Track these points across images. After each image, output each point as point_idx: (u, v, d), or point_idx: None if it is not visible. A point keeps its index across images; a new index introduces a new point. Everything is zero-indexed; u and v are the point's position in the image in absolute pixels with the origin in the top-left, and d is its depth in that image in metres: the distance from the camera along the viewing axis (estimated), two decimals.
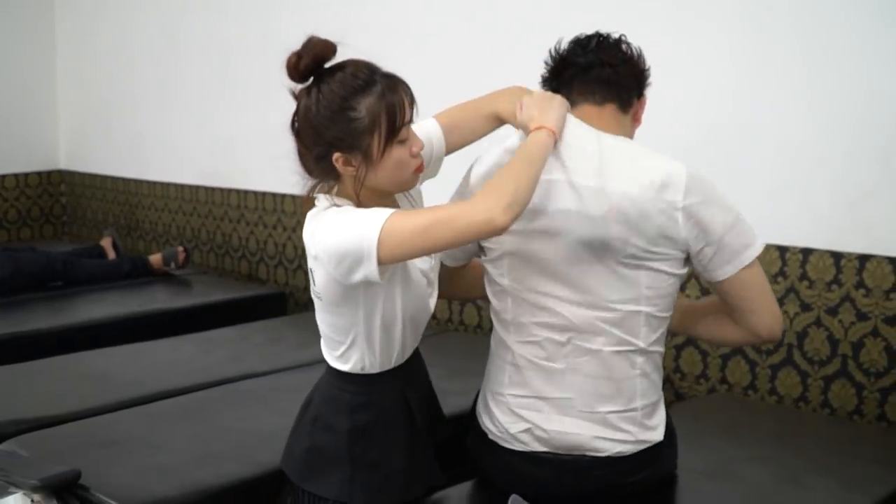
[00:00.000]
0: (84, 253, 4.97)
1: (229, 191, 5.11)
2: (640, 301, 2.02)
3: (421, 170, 1.98)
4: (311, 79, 1.93)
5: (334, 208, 1.92)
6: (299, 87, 1.94)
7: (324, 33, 1.94)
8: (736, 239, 2.00)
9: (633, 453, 2.08)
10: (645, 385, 2.08)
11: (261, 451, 2.50)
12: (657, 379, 2.11)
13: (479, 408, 2.24)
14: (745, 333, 2.12)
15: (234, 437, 2.67)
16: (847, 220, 2.92)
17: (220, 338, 3.71)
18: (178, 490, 2.34)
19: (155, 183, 5.62)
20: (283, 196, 4.78)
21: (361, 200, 1.93)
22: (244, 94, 4.94)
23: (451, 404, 2.33)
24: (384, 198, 1.99)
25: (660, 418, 2.12)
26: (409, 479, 2.09)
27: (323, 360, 3.20)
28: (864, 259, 2.89)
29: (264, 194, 4.90)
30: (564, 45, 2.14)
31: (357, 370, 2.02)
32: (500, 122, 2.15)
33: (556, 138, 1.96)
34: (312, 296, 2.01)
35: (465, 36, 3.84)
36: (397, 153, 1.90)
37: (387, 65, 1.94)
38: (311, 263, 1.96)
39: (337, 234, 1.86)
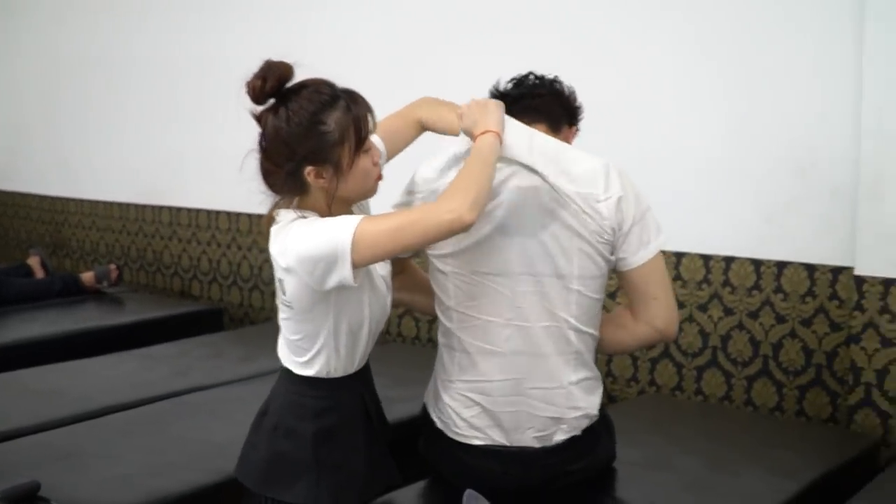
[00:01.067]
0: (11, 272, 4.95)
1: (160, 208, 5.14)
2: (572, 279, 2.16)
3: (381, 178, 2.09)
4: (273, 100, 2.02)
5: (300, 220, 2.01)
6: (259, 108, 2.02)
7: (264, 54, 2.01)
8: (646, 230, 2.16)
9: (574, 437, 2.21)
10: (581, 361, 2.21)
11: (218, 460, 2.55)
12: (590, 359, 2.24)
13: (429, 404, 2.33)
14: (642, 328, 2.23)
15: (188, 447, 2.73)
16: (766, 230, 3.13)
17: (160, 353, 3.75)
18: (141, 498, 2.39)
19: (83, 201, 5.63)
20: (218, 213, 4.84)
21: (328, 213, 2.03)
22: (176, 112, 4.99)
23: (394, 411, 2.40)
24: (345, 208, 2.09)
25: (595, 397, 2.24)
26: (370, 479, 2.18)
27: (267, 373, 3.30)
28: (781, 266, 3.10)
29: (198, 211, 4.95)
30: (501, 84, 2.33)
31: (322, 375, 2.10)
32: (422, 129, 2.29)
33: (500, 139, 2.09)
34: (280, 306, 2.10)
35: (404, 54, 3.97)
36: (363, 163, 2.02)
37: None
38: (280, 275, 2.03)
39: (309, 241, 1.96)
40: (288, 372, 2.16)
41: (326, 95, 1.99)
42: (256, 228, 4.68)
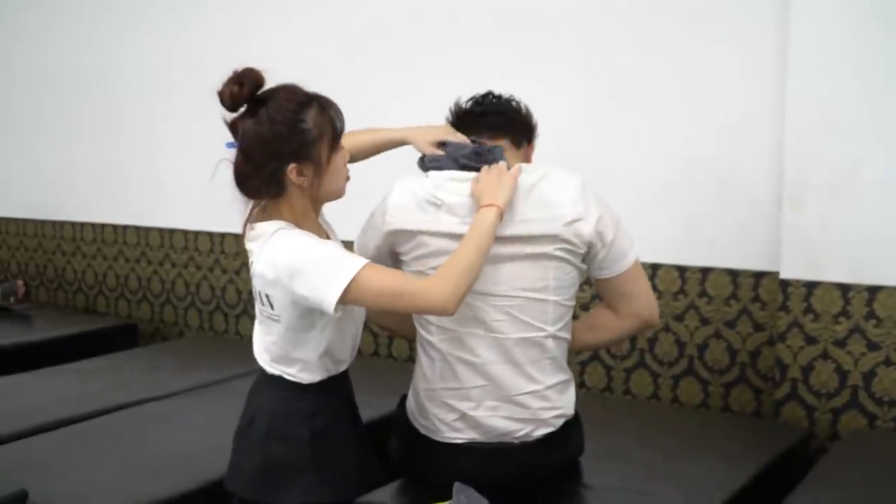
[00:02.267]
0: None
1: (62, 223, 5.04)
2: (547, 291, 2.29)
3: (349, 178, 2.18)
4: (245, 106, 2.08)
5: (283, 231, 2.07)
6: (231, 115, 2.09)
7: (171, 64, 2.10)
8: (623, 242, 2.33)
9: (551, 432, 2.34)
10: (554, 366, 2.34)
11: (194, 467, 2.60)
12: (564, 362, 2.38)
13: (411, 407, 2.42)
14: (629, 320, 2.40)
15: (160, 455, 2.75)
16: (689, 238, 3.34)
17: (90, 368, 3.73)
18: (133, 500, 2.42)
19: None
20: (126, 227, 4.79)
21: (300, 217, 2.11)
22: (77, 126, 4.92)
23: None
24: (314, 214, 2.17)
25: (570, 395, 2.39)
26: (360, 475, 2.27)
27: (211, 384, 3.33)
28: (705, 271, 3.32)
29: (103, 226, 4.88)
30: (462, 102, 2.43)
31: (312, 378, 2.17)
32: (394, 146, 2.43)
33: (502, 217, 2.17)
34: (263, 318, 2.15)
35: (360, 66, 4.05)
36: (338, 160, 2.12)
37: None
38: (266, 289, 2.09)
39: (306, 256, 2.03)
40: (274, 378, 2.20)
41: (302, 96, 2.08)
42: (168, 243, 4.65)
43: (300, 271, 2.02)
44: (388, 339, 3.99)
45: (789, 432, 2.95)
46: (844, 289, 2.98)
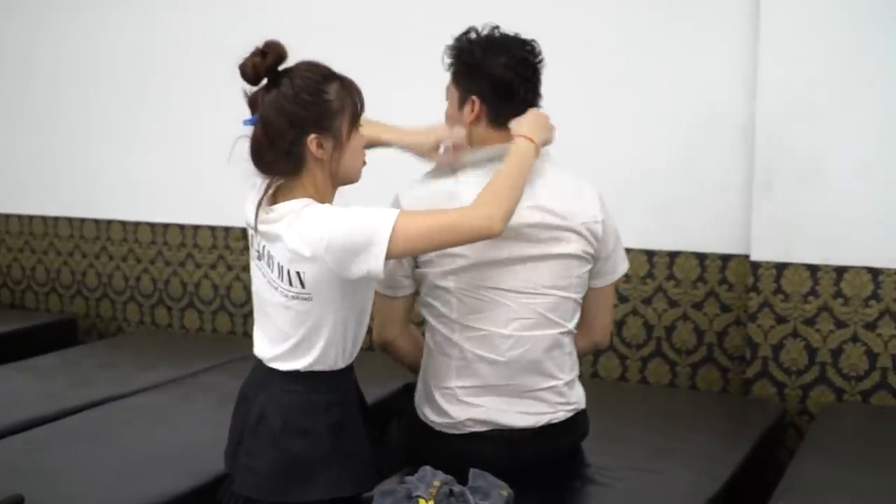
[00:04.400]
0: None
1: None
2: (570, 289, 2.35)
3: (365, 163, 2.17)
4: (266, 80, 2.05)
5: (312, 205, 2.04)
6: (252, 89, 2.05)
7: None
8: (620, 255, 2.44)
9: (563, 421, 2.39)
10: (571, 362, 2.40)
11: (186, 466, 2.56)
12: (576, 357, 2.44)
13: (420, 402, 2.42)
14: (583, 343, 2.49)
15: (148, 454, 2.68)
16: (657, 223, 3.42)
17: (45, 366, 3.60)
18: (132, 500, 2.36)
19: None
20: (57, 219, 4.62)
21: (322, 195, 2.08)
22: (4, 114, 4.72)
23: None
24: (331, 196, 2.14)
25: (581, 389, 2.45)
26: (376, 466, 2.26)
27: (175, 380, 3.26)
28: (673, 255, 3.41)
29: (31, 217, 4.70)
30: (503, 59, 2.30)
31: (326, 368, 2.13)
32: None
33: (538, 151, 2.23)
34: (287, 303, 2.08)
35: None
36: (356, 139, 2.10)
37: None
38: (298, 266, 2.03)
39: (342, 225, 2.00)
40: (283, 374, 2.14)
41: (325, 70, 2.08)
42: (105, 235, 4.51)
43: (341, 239, 1.99)
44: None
45: (766, 408, 3.07)
46: (813, 269, 3.11)
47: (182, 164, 4.29)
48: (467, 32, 2.35)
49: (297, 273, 2.05)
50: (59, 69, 4.55)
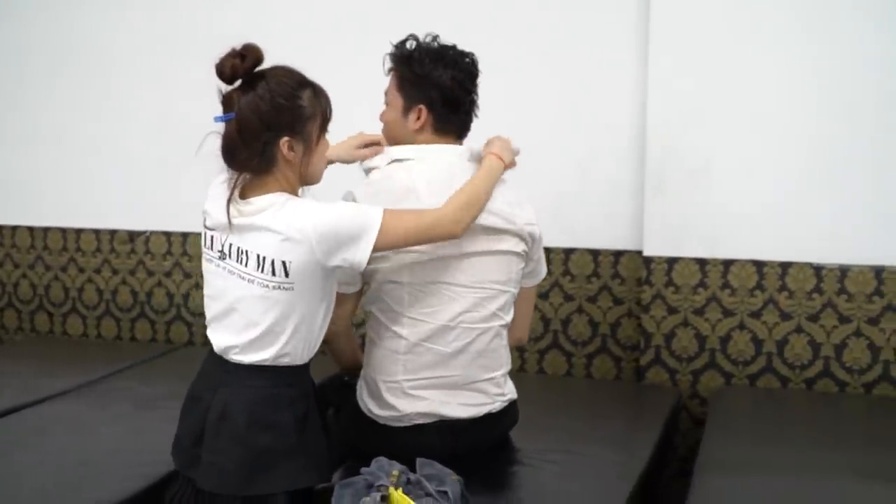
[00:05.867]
0: None
1: None
2: (510, 283, 2.49)
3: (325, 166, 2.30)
4: (240, 81, 2.13)
5: (295, 199, 2.15)
6: (227, 88, 2.13)
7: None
8: (542, 258, 2.62)
9: (499, 410, 2.53)
10: (507, 355, 2.55)
11: (122, 469, 2.55)
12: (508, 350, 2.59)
13: (364, 396, 2.51)
14: (509, 339, 2.60)
15: (74, 462, 2.64)
16: (553, 220, 3.59)
17: None
18: None
19: None
20: None
21: (293, 193, 2.19)
22: None
23: None
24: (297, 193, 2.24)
25: (510, 382, 2.59)
26: (329, 457, 2.33)
27: (80, 386, 3.21)
28: (569, 252, 3.59)
29: None
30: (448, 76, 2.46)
31: (292, 362, 2.20)
32: None
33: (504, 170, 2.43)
34: (266, 294, 2.13)
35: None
36: (323, 144, 2.23)
37: None
38: (283, 255, 2.10)
39: (331, 214, 2.13)
40: (248, 368, 2.20)
41: (299, 77, 2.19)
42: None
43: (332, 227, 2.11)
44: None
45: (663, 393, 3.29)
46: (702, 263, 3.35)
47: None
48: (407, 40, 2.46)
49: (283, 262, 2.11)
50: None
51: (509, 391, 2.56)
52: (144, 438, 2.77)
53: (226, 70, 2.10)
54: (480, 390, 2.48)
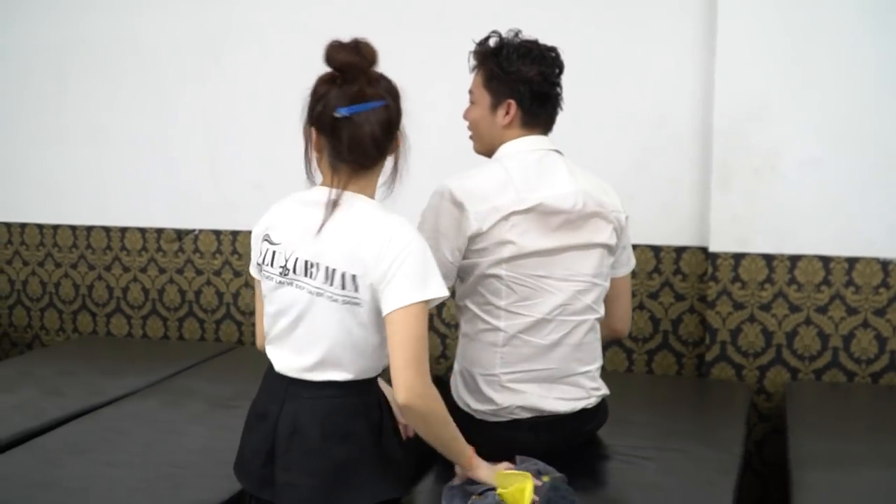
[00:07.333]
0: None
1: None
2: (602, 277, 2.50)
3: None
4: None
5: (409, 226, 2.08)
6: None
7: None
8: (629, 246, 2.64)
9: (593, 406, 2.54)
10: (600, 349, 2.56)
11: (221, 465, 2.49)
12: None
13: (459, 392, 2.50)
14: (605, 332, 2.62)
15: (164, 463, 2.63)
16: None
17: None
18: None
19: None
20: None
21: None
22: None
23: None
24: None
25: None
26: (409, 467, 2.28)
27: (145, 387, 3.20)
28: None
29: None
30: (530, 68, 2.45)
31: (365, 375, 2.13)
32: None
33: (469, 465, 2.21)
34: (340, 308, 2.05)
35: None
36: None
37: None
38: (355, 269, 2.02)
39: (420, 259, 2.04)
40: (312, 383, 2.10)
41: None
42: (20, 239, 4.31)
43: (422, 270, 2.03)
44: None
45: (734, 389, 3.30)
46: (769, 259, 3.36)
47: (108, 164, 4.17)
48: (489, 37, 2.47)
49: (353, 276, 2.03)
50: None
51: (602, 386, 2.57)
52: (231, 437, 2.73)
53: (365, 61, 2.05)
54: (577, 384, 2.48)
